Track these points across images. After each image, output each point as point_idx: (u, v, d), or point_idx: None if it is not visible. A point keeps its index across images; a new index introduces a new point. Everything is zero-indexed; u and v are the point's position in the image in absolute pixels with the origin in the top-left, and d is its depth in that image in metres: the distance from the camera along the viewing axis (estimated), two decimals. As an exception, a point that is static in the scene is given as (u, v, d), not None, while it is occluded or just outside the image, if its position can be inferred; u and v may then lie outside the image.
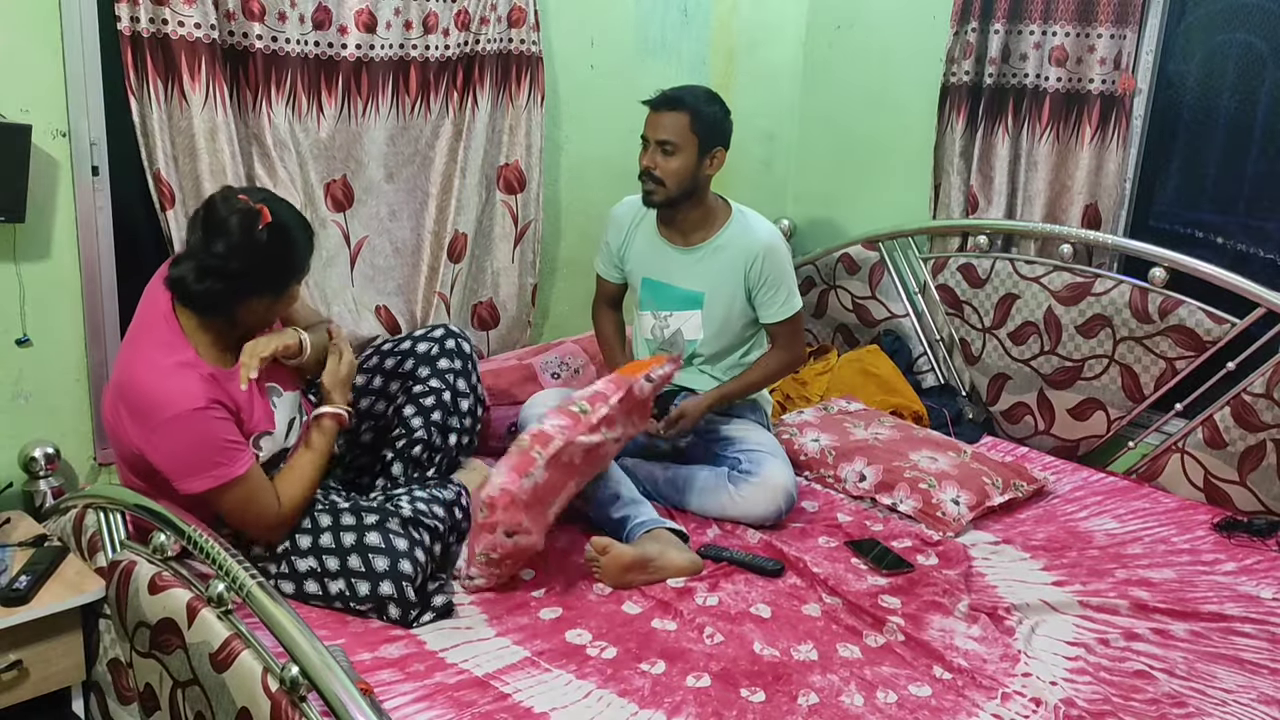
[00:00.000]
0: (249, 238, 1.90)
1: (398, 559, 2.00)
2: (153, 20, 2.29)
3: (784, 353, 2.69)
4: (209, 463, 1.92)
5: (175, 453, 1.91)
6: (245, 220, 1.90)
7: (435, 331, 2.43)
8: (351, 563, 1.99)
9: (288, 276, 2.02)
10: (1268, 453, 2.67)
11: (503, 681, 1.85)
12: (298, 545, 2.03)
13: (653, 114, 2.53)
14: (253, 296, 1.98)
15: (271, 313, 2.07)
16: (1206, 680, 1.98)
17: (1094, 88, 2.98)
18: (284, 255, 1.99)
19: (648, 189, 2.55)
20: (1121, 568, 2.40)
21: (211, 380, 1.95)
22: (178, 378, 1.91)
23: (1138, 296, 2.90)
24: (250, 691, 1.58)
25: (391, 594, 1.98)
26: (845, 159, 3.67)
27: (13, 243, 2.28)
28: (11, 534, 2.17)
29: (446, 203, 2.87)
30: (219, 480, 1.92)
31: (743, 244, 2.59)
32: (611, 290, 2.82)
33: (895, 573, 2.28)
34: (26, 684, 1.97)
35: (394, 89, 2.71)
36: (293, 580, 2.04)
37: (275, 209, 1.96)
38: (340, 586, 2.00)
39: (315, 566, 2.01)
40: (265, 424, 2.06)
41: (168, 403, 1.89)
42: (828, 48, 3.65)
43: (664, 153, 2.50)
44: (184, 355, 1.94)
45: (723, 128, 2.55)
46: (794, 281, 2.65)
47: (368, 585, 1.98)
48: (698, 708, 1.81)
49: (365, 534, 2.02)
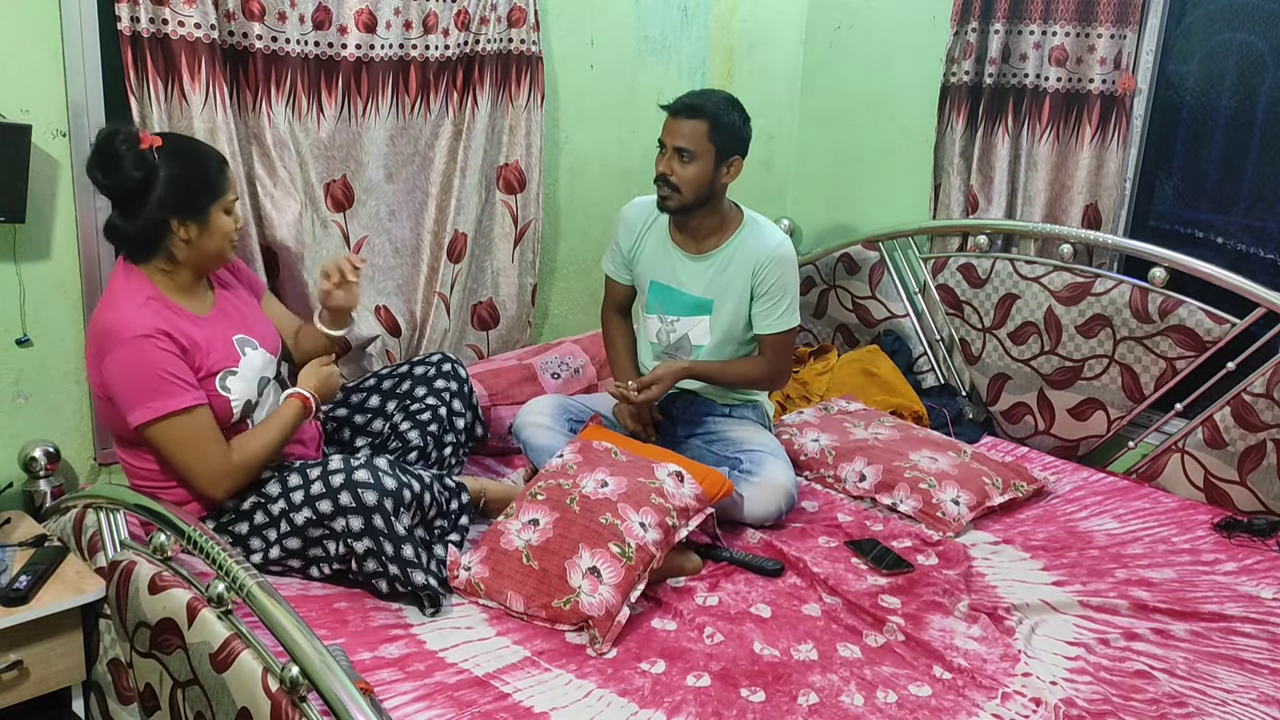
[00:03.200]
0: (145, 163, 1.97)
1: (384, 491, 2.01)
2: (153, 20, 2.29)
3: (767, 365, 2.67)
4: (149, 391, 1.96)
5: (121, 379, 1.97)
6: (135, 149, 1.97)
7: (432, 357, 2.53)
8: (343, 499, 2.00)
9: (202, 197, 2.05)
10: (1268, 453, 2.67)
11: (503, 681, 1.85)
12: (292, 501, 2.04)
13: (671, 119, 2.51)
14: (177, 224, 2.02)
15: (209, 242, 2.08)
16: (1206, 680, 1.98)
17: (1094, 88, 2.98)
18: (187, 175, 2.03)
19: (663, 194, 2.54)
20: (1122, 568, 2.40)
21: (166, 312, 2.02)
22: (130, 308, 2.00)
23: (1138, 296, 2.90)
24: (250, 691, 1.58)
25: (383, 528, 1.99)
26: (845, 159, 3.67)
27: (13, 243, 2.28)
28: (11, 534, 2.17)
29: (446, 203, 2.87)
30: (157, 412, 1.96)
31: (752, 252, 2.58)
32: (621, 293, 2.80)
33: (895, 573, 2.28)
34: (26, 684, 1.97)
35: (394, 89, 2.71)
36: (296, 535, 2.05)
37: (166, 134, 2.08)
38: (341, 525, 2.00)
39: (311, 515, 2.02)
40: (227, 361, 2.09)
41: (115, 330, 1.98)
42: (828, 48, 3.66)
43: (681, 159, 2.48)
44: (146, 291, 2.04)
45: (741, 136, 2.53)
46: (796, 297, 2.64)
47: (360, 520, 1.99)
48: (698, 707, 1.81)
49: (354, 472, 2.03)
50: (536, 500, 2.20)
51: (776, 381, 2.77)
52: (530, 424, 2.58)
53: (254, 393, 2.13)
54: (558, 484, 2.22)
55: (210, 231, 2.06)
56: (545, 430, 2.56)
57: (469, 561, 2.13)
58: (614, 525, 2.09)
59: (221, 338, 2.11)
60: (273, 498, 2.07)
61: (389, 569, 2.00)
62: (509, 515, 2.19)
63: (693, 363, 2.62)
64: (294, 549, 2.07)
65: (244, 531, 2.09)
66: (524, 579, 2.06)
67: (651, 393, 2.53)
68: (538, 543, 2.10)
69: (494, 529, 2.19)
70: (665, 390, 2.56)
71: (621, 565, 2.04)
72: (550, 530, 2.11)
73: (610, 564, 2.03)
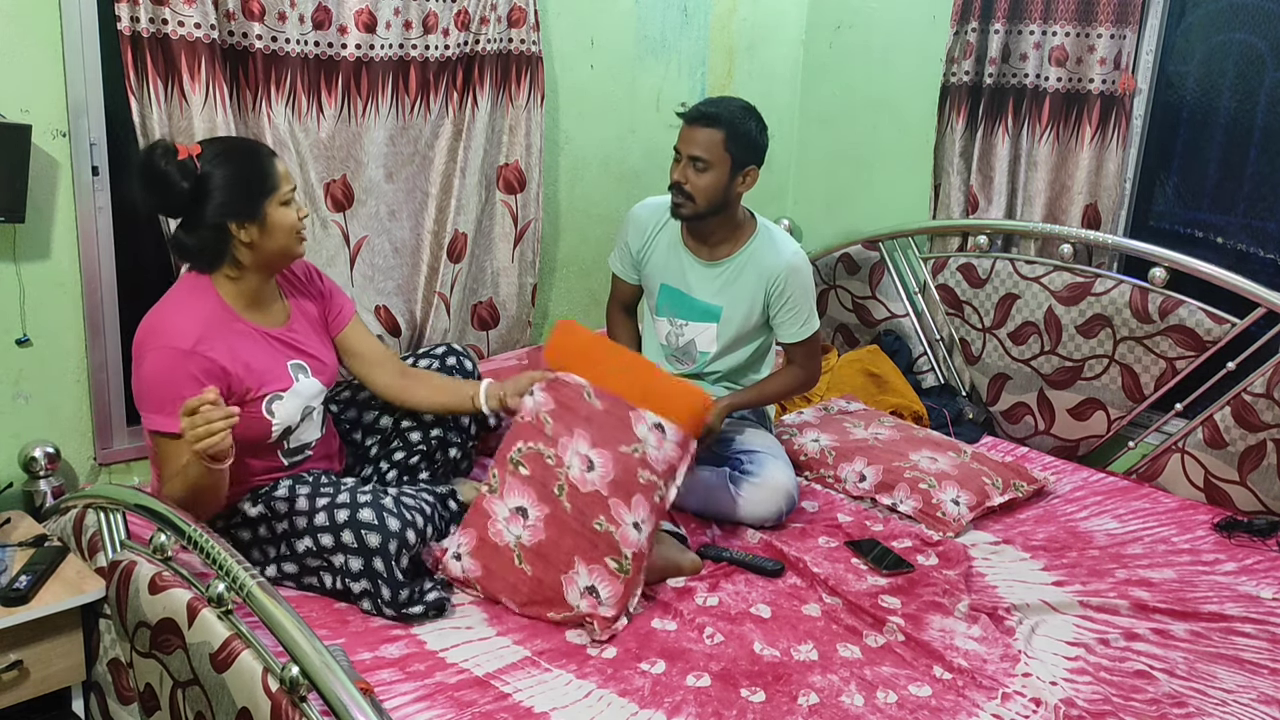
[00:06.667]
0: (189, 172, 1.95)
1: (389, 534, 1.98)
2: (153, 20, 2.29)
3: (801, 370, 2.68)
4: (157, 403, 1.95)
5: (143, 381, 1.97)
6: (175, 160, 1.95)
7: (437, 349, 2.47)
8: (345, 538, 1.98)
9: (254, 195, 2.01)
10: (1268, 453, 2.67)
11: (503, 681, 1.85)
12: (295, 526, 2.03)
13: (687, 128, 2.49)
14: (235, 228, 2.00)
15: (272, 240, 2.03)
16: (1206, 680, 1.99)
17: (1094, 88, 2.98)
18: (234, 176, 2.00)
19: (677, 202, 2.52)
20: (1122, 568, 2.40)
21: (222, 329, 2.00)
22: (179, 316, 1.99)
23: (1138, 296, 2.90)
24: (250, 691, 1.58)
25: (383, 572, 1.97)
26: (845, 159, 3.67)
27: (13, 243, 2.28)
28: (11, 534, 2.17)
29: (446, 203, 2.87)
30: (155, 426, 1.96)
31: (766, 263, 2.57)
32: (628, 292, 2.80)
33: (895, 573, 2.28)
34: (26, 684, 1.97)
35: (394, 89, 2.71)
36: (294, 561, 2.05)
37: (206, 141, 2.05)
38: (340, 561, 1.99)
39: (311, 546, 2.01)
40: (278, 385, 2.07)
41: (156, 333, 1.97)
42: (828, 48, 3.66)
43: (695, 168, 2.46)
44: (209, 304, 2.02)
45: (757, 146, 2.51)
46: (814, 302, 2.64)
47: (360, 561, 1.97)
48: (698, 707, 1.81)
49: (359, 511, 2.00)
50: (520, 475, 2.12)
51: (810, 384, 2.77)
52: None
53: (296, 418, 2.11)
54: (538, 452, 2.13)
55: (270, 229, 2.02)
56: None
57: (457, 548, 2.10)
58: (609, 534, 2.06)
59: (278, 360, 2.08)
60: (279, 514, 2.05)
61: (384, 611, 2.00)
62: (492, 490, 2.12)
63: (732, 396, 2.60)
64: (290, 573, 2.07)
65: (247, 539, 2.09)
66: (518, 583, 2.05)
67: (705, 444, 2.46)
68: (530, 543, 2.07)
69: (479, 509, 2.12)
70: (716, 436, 2.53)
71: (620, 581, 2.03)
72: (541, 530, 2.07)
73: (608, 581, 2.02)
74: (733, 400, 2.59)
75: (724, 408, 2.55)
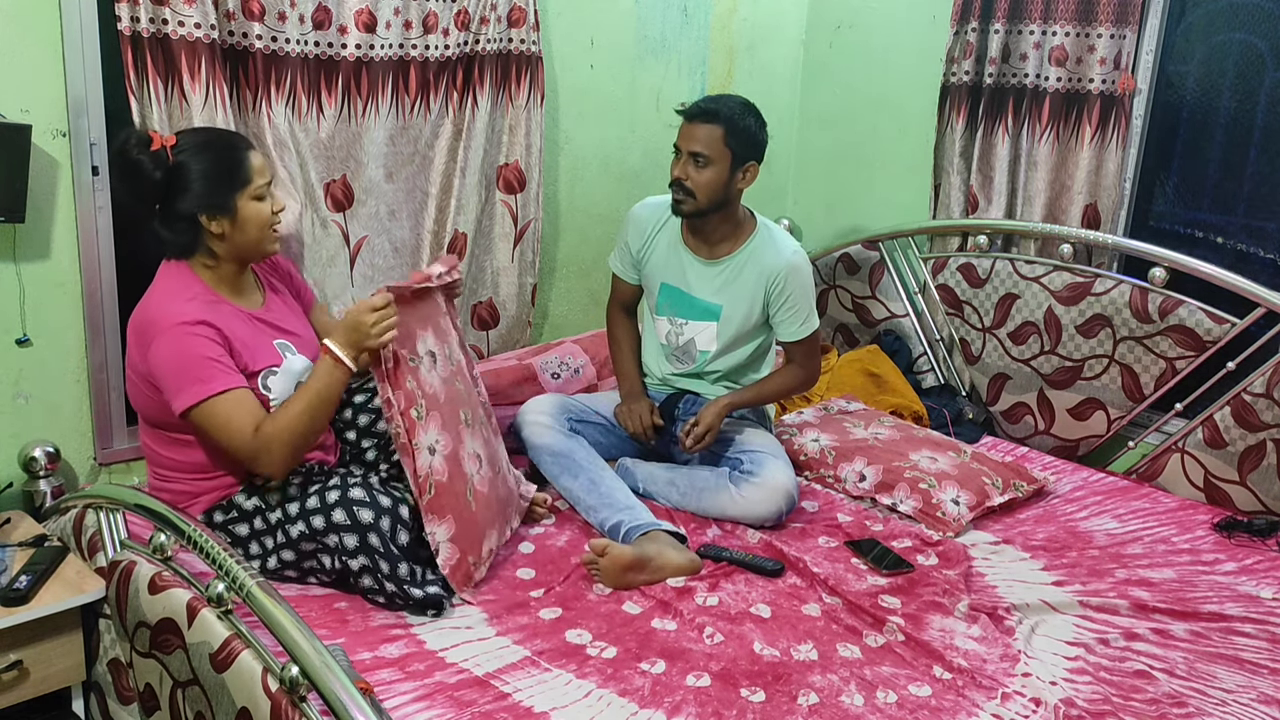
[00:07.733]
0: (161, 162, 1.98)
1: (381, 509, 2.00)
2: (153, 20, 2.29)
3: (800, 370, 2.68)
4: (191, 376, 1.95)
5: (164, 366, 1.97)
6: (148, 151, 1.98)
7: None
8: (336, 516, 1.99)
9: (224, 189, 2.04)
10: (1268, 452, 2.67)
11: (503, 681, 1.85)
12: (288, 513, 2.04)
13: (687, 124, 2.50)
14: (206, 220, 2.03)
15: (243, 234, 2.07)
16: (1206, 680, 1.99)
17: (1094, 88, 2.98)
18: (205, 169, 2.02)
19: (677, 199, 2.52)
20: (1121, 568, 2.40)
21: (212, 307, 2.03)
22: (172, 300, 2.01)
23: (1138, 296, 2.90)
24: (250, 691, 1.59)
25: (379, 546, 1.98)
26: (845, 159, 3.67)
27: (13, 243, 2.28)
28: (11, 534, 2.17)
29: (446, 202, 2.87)
30: (198, 396, 1.95)
31: (766, 262, 2.57)
32: (628, 292, 2.80)
33: (895, 573, 2.28)
34: (26, 684, 1.97)
35: (394, 89, 2.71)
36: (291, 548, 2.05)
37: (183, 132, 2.09)
38: (334, 540, 1.99)
39: (304, 529, 2.02)
40: (270, 361, 2.09)
41: (157, 319, 1.99)
42: (828, 48, 3.66)
43: (696, 164, 2.47)
44: (192, 287, 2.06)
45: (757, 142, 2.52)
46: (814, 301, 2.64)
47: (355, 537, 1.98)
48: (698, 707, 1.81)
49: (349, 490, 2.02)
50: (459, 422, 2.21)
51: (810, 383, 2.77)
52: (530, 423, 2.58)
53: (292, 389, 2.12)
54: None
55: (241, 223, 2.05)
56: (545, 429, 2.56)
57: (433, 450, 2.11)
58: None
59: (264, 339, 2.12)
60: (271, 505, 2.07)
61: (385, 586, 2.00)
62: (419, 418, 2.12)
63: (731, 395, 2.61)
64: (289, 560, 2.07)
65: (244, 534, 2.09)
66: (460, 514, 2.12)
67: (705, 442, 2.52)
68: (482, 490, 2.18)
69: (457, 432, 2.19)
70: (715, 431, 2.54)
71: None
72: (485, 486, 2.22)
73: None
74: (732, 399, 2.59)
75: (723, 407, 2.55)
